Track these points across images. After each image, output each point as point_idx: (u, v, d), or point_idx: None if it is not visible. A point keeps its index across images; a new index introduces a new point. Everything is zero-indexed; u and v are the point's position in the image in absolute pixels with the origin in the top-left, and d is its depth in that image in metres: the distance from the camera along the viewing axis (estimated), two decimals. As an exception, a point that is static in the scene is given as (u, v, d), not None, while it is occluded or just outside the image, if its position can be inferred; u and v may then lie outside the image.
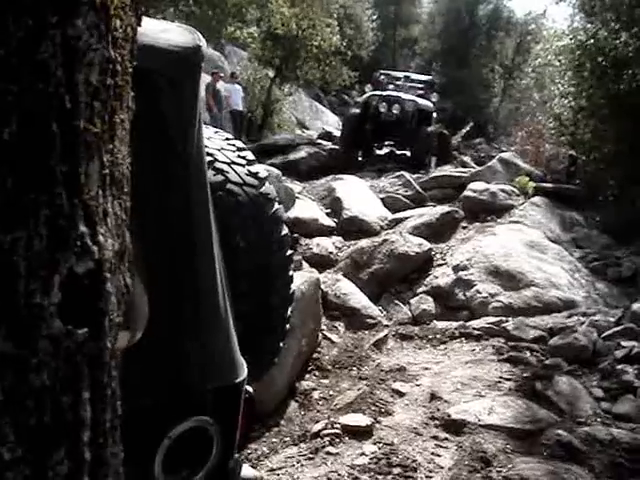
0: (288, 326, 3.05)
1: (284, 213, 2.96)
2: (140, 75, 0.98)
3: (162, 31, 1.66)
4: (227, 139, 2.92)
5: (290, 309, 3.02)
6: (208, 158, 2.58)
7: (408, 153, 17.31)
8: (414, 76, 22.71)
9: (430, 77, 22.72)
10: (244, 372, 1.99)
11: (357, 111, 18.03)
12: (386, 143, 18.47)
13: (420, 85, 20.35)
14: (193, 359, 1.78)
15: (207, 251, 1.80)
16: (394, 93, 17.88)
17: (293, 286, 3.04)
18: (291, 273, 2.98)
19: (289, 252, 2.93)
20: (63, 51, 0.67)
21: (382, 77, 20.32)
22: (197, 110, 1.74)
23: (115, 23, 0.77)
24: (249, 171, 2.74)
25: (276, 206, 2.82)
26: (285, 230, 2.90)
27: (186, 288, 1.75)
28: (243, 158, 2.79)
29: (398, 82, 19.99)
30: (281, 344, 3.03)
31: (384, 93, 17.74)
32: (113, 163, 0.78)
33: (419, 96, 18.88)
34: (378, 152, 18.40)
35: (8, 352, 0.65)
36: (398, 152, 17.95)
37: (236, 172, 2.68)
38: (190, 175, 1.71)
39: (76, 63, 0.69)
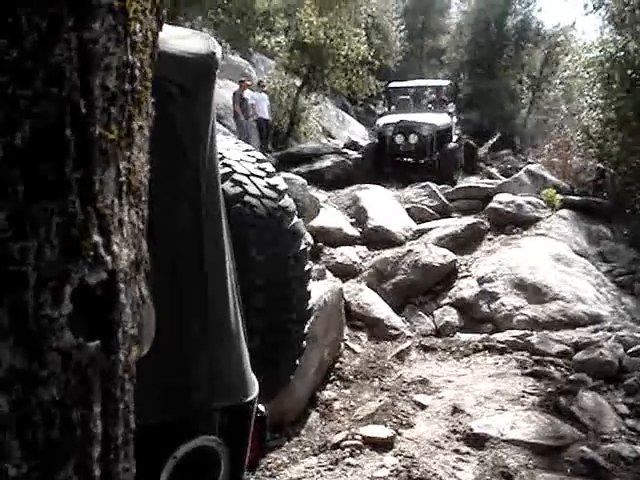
0: (305, 343, 2.99)
1: (303, 227, 2.91)
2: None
3: (175, 37, 1.62)
4: (247, 150, 2.87)
5: (307, 325, 2.96)
6: (226, 169, 2.54)
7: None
8: (426, 83, 22.50)
9: (444, 83, 22.44)
10: (255, 391, 1.93)
11: (374, 143, 17.92)
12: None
13: (434, 93, 20.39)
14: (201, 377, 1.73)
15: (218, 265, 1.76)
16: (409, 117, 17.39)
17: (311, 302, 2.98)
18: (309, 288, 2.92)
19: (307, 267, 2.88)
20: (79, 55, 0.65)
21: (393, 91, 20.41)
22: (210, 118, 1.70)
23: (134, 27, 0.74)
24: (268, 183, 2.69)
25: (295, 219, 2.77)
26: (304, 244, 2.84)
27: (194, 304, 1.70)
28: (262, 170, 2.74)
29: (409, 95, 19.94)
30: (298, 361, 2.97)
31: (397, 119, 17.30)
32: (130, 171, 0.76)
33: (432, 103, 18.91)
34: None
35: (16, 365, 0.63)
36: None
37: (255, 184, 2.63)
38: (201, 185, 1.66)
39: (92, 67, 0.67)
